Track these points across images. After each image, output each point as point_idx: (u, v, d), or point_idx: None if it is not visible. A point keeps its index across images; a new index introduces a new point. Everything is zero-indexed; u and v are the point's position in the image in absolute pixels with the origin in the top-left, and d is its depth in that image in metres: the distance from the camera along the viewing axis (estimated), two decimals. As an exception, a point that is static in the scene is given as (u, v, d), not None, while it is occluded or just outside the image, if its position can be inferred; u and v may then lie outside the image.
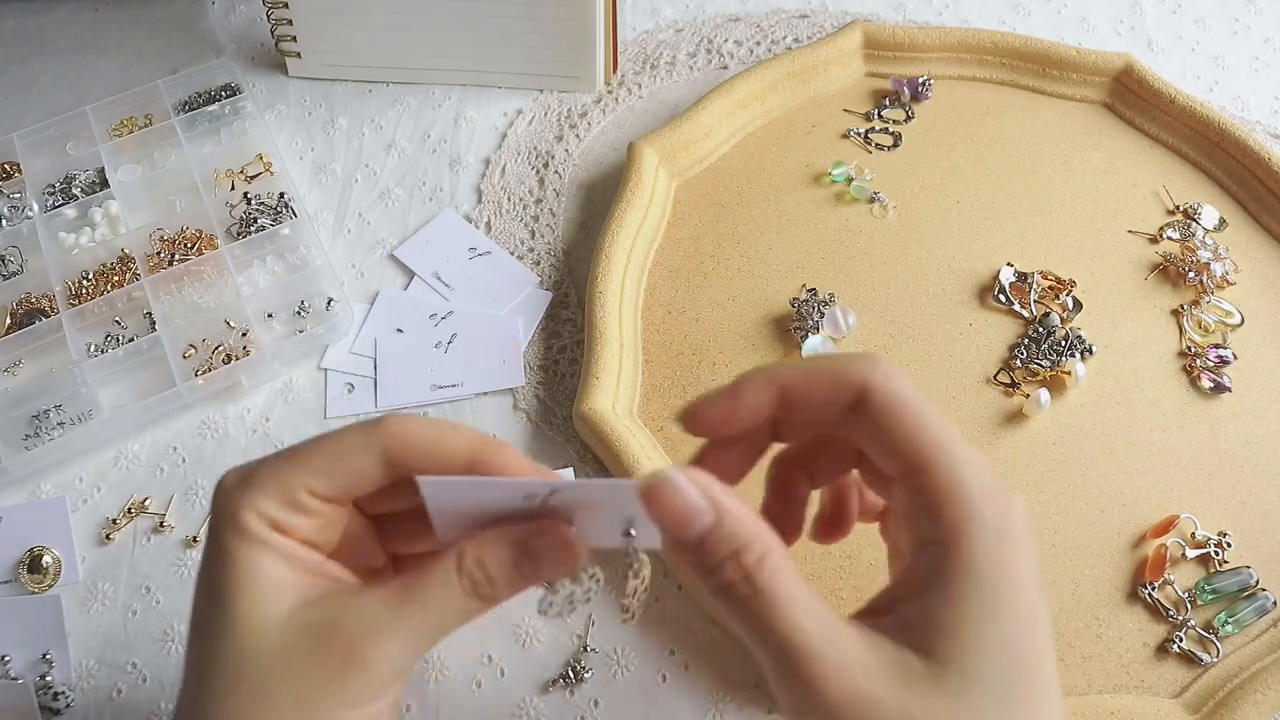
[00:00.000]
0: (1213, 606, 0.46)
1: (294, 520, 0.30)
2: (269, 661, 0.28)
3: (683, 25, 0.72)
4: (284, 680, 0.28)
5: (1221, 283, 0.56)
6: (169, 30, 0.73)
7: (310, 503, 0.30)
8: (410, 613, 0.29)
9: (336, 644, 0.28)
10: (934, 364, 0.54)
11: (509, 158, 0.64)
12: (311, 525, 0.30)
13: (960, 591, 0.27)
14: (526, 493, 0.29)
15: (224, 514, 0.29)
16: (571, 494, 0.29)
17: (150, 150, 0.64)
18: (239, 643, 0.28)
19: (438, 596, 0.29)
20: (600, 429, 0.49)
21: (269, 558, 0.29)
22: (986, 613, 0.27)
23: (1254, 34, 0.71)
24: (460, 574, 0.29)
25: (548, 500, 0.29)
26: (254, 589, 0.29)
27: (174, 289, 0.57)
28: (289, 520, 0.30)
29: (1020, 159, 0.62)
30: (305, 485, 0.29)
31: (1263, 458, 0.50)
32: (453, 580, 0.29)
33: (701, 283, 0.57)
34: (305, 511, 0.30)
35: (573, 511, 0.30)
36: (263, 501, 0.29)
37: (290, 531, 0.30)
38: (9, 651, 0.47)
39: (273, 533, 0.29)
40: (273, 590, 0.29)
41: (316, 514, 0.30)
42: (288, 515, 0.29)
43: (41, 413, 0.53)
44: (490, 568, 0.30)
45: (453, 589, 0.29)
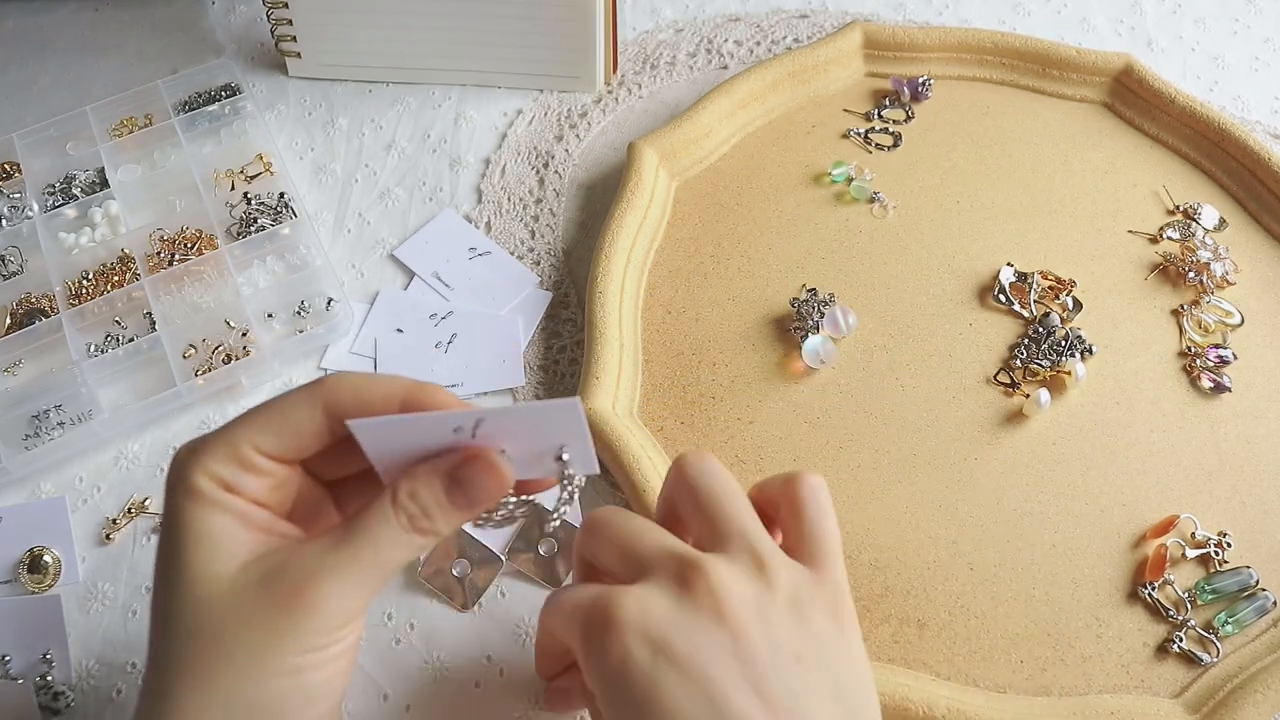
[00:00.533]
0: (1213, 606, 0.46)
1: (244, 479, 0.31)
2: (221, 612, 0.29)
3: (683, 25, 0.72)
4: (236, 629, 0.29)
5: (1221, 283, 0.56)
6: (169, 30, 0.73)
7: (259, 461, 0.31)
8: (351, 552, 0.30)
9: (282, 588, 0.29)
10: (934, 364, 0.54)
11: (509, 158, 0.64)
12: (262, 484, 0.31)
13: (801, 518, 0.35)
14: (455, 425, 0.30)
15: (176, 478, 0.31)
16: (498, 421, 0.30)
17: (150, 150, 0.64)
18: (193, 596, 0.30)
19: (376, 533, 0.30)
20: (600, 429, 0.49)
21: (220, 516, 0.30)
22: None
23: (1254, 34, 0.71)
24: (396, 509, 0.30)
25: (476, 431, 0.30)
26: (206, 546, 0.30)
27: (174, 289, 0.57)
28: (239, 479, 0.31)
29: (1020, 159, 0.62)
30: (252, 444, 0.31)
31: (1263, 458, 0.51)
32: (389, 516, 0.30)
33: (701, 283, 0.57)
34: (254, 470, 0.31)
35: (502, 441, 0.31)
36: (212, 463, 0.30)
37: (241, 491, 0.31)
38: (9, 651, 0.47)
39: (223, 492, 0.30)
40: (224, 546, 0.30)
41: (266, 473, 0.31)
42: (237, 474, 0.31)
43: (41, 413, 0.53)
44: (423, 500, 0.31)
45: (390, 524, 0.30)
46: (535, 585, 0.48)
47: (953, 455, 0.51)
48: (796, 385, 0.53)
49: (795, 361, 0.53)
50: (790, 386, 0.53)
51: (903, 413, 0.52)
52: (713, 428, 0.51)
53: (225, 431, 0.31)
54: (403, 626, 0.47)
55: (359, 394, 0.32)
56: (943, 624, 0.46)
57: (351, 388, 0.32)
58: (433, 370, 0.55)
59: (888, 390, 0.53)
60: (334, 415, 0.31)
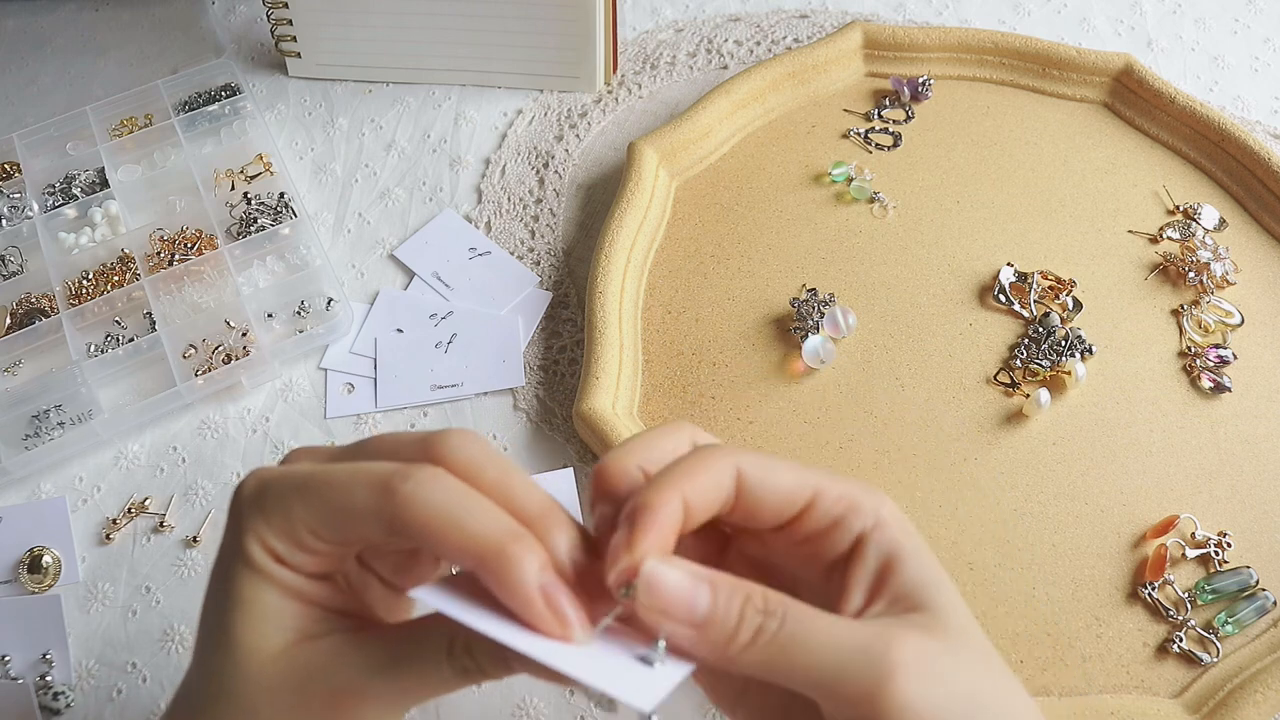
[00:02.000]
0: (1213, 606, 0.46)
1: (296, 556, 0.29)
2: (257, 693, 0.28)
3: (683, 25, 0.72)
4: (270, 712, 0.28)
5: (1221, 283, 0.56)
6: (169, 30, 0.73)
7: (313, 543, 0.29)
8: (395, 679, 0.28)
9: (322, 694, 0.28)
10: (934, 364, 0.54)
11: (509, 158, 0.64)
12: (313, 562, 0.29)
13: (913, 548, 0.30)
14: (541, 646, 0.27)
15: (234, 536, 0.29)
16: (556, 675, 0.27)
17: (150, 150, 0.64)
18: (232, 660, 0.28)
19: (426, 671, 0.29)
20: (600, 429, 0.49)
21: (269, 588, 0.29)
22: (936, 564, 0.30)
23: (1254, 34, 0.71)
24: (451, 657, 0.28)
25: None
26: (252, 615, 0.29)
27: (174, 289, 0.57)
28: (292, 556, 0.29)
29: (1020, 159, 0.62)
30: (308, 526, 0.28)
31: (1263, 458, 0.50)
32: (442, 661, 0.29)
33: (701, 283, 0.57)
34: (307, 549, 0.29)
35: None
36: (267, 533, 0.29)
37: (293, 566, 0.29)
38: (9, 651, 0.47)
39: (275, 564, 0.29)
40: (270, 620, 0.29)
41: (320, 553, 0.29)
42: (290, 551, 0.29)
43: (41, 413, 0.53)
44: (479, 657, 0.28)
45: (442, 671, 0.29)
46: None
47: (953, 455, 0.51)
48: (796, 385, 0.53)
49: (795, 361, 0.53)
50: (790, 386, 0.53)
51: (903, 413, 0.52)
52: (713, 428, 0.51)
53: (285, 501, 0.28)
54: (403, 626, 0.47)
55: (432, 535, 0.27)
56: (943, 624, 0.46)
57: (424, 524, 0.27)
58: (433, 370, 0.55)
59: (888, 390, 0.53)
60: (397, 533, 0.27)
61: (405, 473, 0.27)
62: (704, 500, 0.28)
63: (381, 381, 0.55)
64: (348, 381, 0.55)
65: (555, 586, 0.27)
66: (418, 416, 0.54)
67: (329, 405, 0.54)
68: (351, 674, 0.28)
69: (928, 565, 0.29)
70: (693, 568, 0.27)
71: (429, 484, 0.27)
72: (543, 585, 0.27)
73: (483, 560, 0.27)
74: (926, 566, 0.29)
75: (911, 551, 0.29)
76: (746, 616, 0.27)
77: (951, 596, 0.29)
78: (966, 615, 0.29)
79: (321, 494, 0.28)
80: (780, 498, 0.29)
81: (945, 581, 0.29)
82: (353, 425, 0.54)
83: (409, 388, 0.55)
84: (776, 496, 0.29)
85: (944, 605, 0.28)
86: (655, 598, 0.27)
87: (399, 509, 0.27)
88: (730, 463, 0.29)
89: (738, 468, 0.29)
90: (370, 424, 0.54)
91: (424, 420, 0.54)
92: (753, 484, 0.29)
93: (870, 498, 0.30)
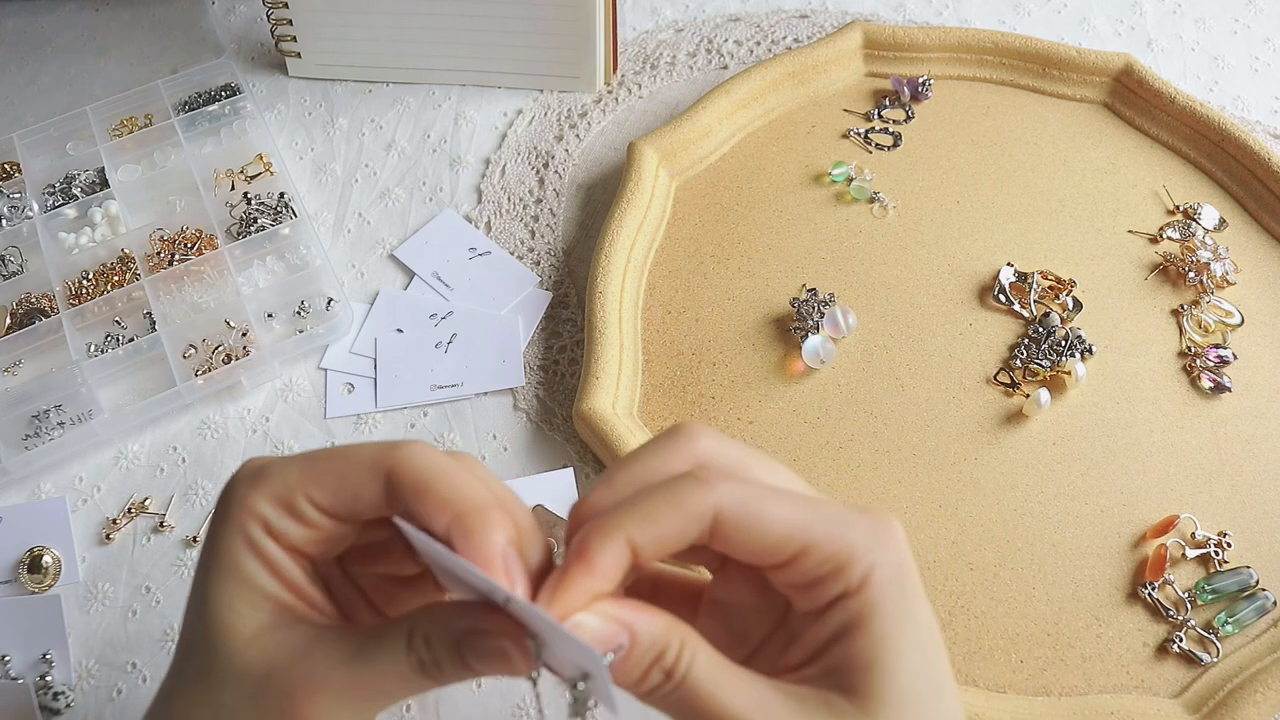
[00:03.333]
0: (1213, 606, 0.46)
1: (286, 525, 0.29)
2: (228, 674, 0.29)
3: (683, 25, 0.72)
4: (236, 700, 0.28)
5: (1221, 283, 0.56)
6: (169, 30, 0.73)
7: (307, 511, 0.29)
8: (355, 676, 0.28)
9: (278, 692, 0.28)
10: (934, 364, 0.54)
11: (509, 158, 0.64)
12: (305, 535, 0.30)
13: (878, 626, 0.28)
14: (488, 588, 0.27)
15: (225, 502, 0.30)
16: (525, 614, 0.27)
17: (150, 150, 0.64)
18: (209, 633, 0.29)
19: (385, 666, 0.28)
20: (600, 429, 0.49)
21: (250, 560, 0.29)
22: (903, 642, 0.28)
23: (1254, 34, 0.71)
24: (410, 650, 0.28)
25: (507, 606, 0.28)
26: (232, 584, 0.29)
27: (174, 289, 0.57)
28: (282, 524, 0.29)
29: (1020, 159, 0.62)
30: (305, 492, 0.29)
31: (1263, 458, 0.50)
32: (401, 654, 0.28)
33: (701, 283, 0.57)
34: (301, 520, 0.29)
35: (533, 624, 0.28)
36: (261, 503, 0.29)
37: (280, 536, 0.29)
38: (9, 651, 0.47)
39: (262, 534, 0.29)
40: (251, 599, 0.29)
41: (313, 525, 0.30)
42: (281, 518, 0.29)
43: (41, 413, 0.53)
44: (436, 649, 0.28)
45: (399, 663, 0.28)
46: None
47: (953, 455, 0.51)
48: (796, 385, 0.53)
49: (795, 361, 0.53)
50: (790, 386, 0.53)
51: (903, 413, 0.52)
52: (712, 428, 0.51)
53: (284, 470, 0.30)
54: (403, 626, 0.47)
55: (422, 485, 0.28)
56: (943, 624, 0.46)
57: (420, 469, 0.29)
58: (433, 370, 0.55)
59: (888, 390, 0.53)
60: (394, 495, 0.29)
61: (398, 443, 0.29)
62: (658, 546, 0.28)
63: (381, 381, 0.55)
64: (348, 381, 0.55)
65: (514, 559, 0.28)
66: (418, 416, 0.54)
67: (329, 405, 0.54)
68: (315, 664, 0.28)
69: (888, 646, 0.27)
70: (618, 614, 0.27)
71: (422, 449, 0.29)
72: (505, 553, 0.28)
73: (463, 516, 0.28)
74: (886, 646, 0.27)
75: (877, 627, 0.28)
76: (651, 674, 0.27)
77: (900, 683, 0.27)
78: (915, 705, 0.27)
79: (320, 461, 0.30)
80: (764, 547, 0.28)
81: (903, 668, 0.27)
82: (353, 425, 0.54)
83: (409, 388, 0.55)
84: (760, 545, 0.28)
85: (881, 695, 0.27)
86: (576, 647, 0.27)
87: (397, 463, 0.29)
88: (707, 505, 0.28)
89: (716, 511, 0.28)
90: (370, 424, 0.54)
91: (424, 420, 0.54)
92: (733, 529, 0.28)
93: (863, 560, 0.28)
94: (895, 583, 0.28)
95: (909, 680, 0.27)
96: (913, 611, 0.28)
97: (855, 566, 0.28)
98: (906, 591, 0.28)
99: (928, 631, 0.29)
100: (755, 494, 0.28)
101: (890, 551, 0.28)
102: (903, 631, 0.28)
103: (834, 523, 0.28)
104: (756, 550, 0.28)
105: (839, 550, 0.28)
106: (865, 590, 0.28)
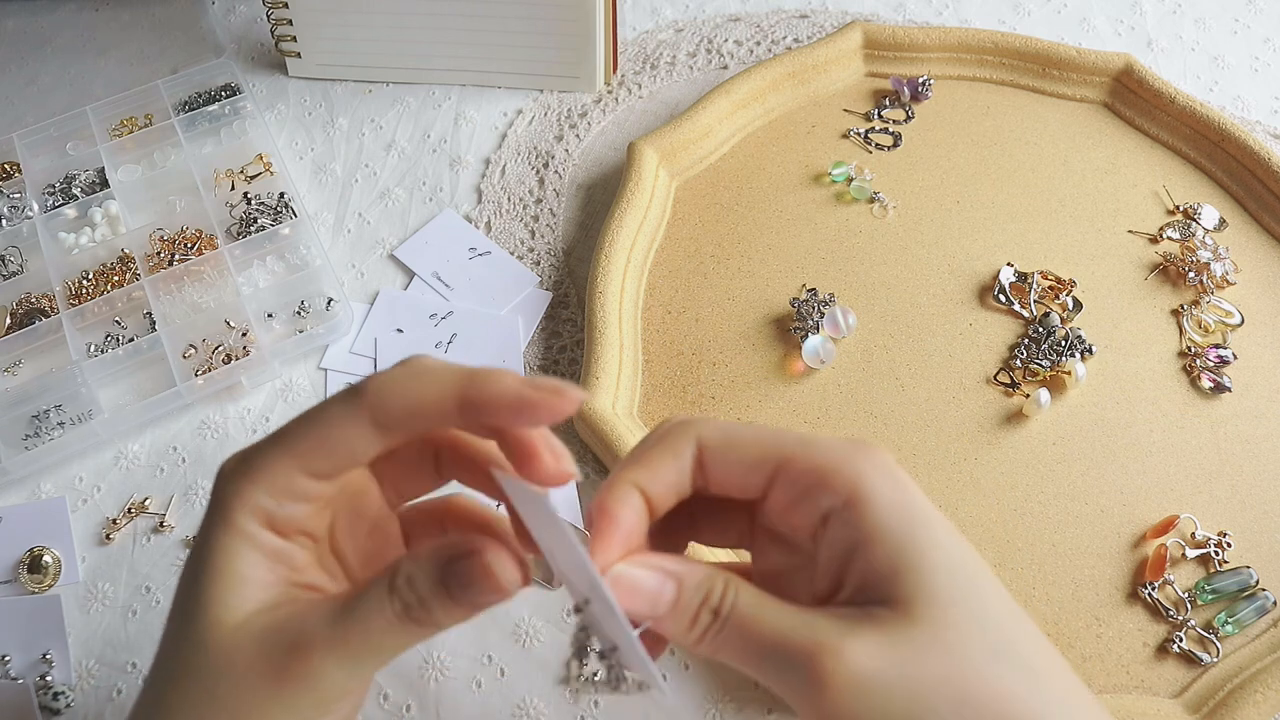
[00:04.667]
0: (1213, 606, 0.46)
1: (293, 510, 0.29)
2: (218, 664, 0.28)
3: (683, 25, 0.72)
4: (228, 686, 0.28)
5: (1221, 283, 0.56)
6: (169, 30, 0.73)
7: (309, 486, 0.29)
8: (342, 631, 0.28)
9: (276, 654, 0.28)
10: (934, 364, 0.54)
11: (509, 158, 0.64)
12: (307, 511, 0.29)
13: (885, 532, 0.28)
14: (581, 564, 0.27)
15: (217, 505, 0.29)
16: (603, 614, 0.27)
17: (150, 150, 0.64)
18: (198, 635, 0.28)
19: (371, 617, 0.28)
20: (600, 429, 0.49)
21: (249, 554, 0.29)
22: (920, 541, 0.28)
23: (1254, 34, 0.71)
24: (391, 595, 0.28)
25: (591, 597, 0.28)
26: (224, 584, 0.28)
27: (174, 289, 0.57)
28: (288, 511, 0.29)
29: (1020, 159, 0.62)
30: (300, 468, 0.29)
31: (1263, 458, 0.50)
32: (384, 602, 0.28)
33: (701, 283, 0.57)
34: (305, 497, 0.29)
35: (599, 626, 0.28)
36: (259, 495, 0.29)
37: (286, 524, 0.29)
38: (9, 651, 0.47)
39: (264, 530, 0.29)
40: (241, 591, 0.28)
41: (313, 497, 0.29)
42: (287, 506, 0.29)
43: (41, 413, 0.53)
44: (420, 589, 0.28)
45: (384, 611, 0.28)
46: (535, 585, 0.48)
47: (953, 455, 0.51)
48: (796, 385, 0.53)
49: (795, 361, 0.53)
50: (790, 386, 0.53)
51: (903, 413, 0.52)
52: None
53: (272, 459, 0.29)
54: (403, 626, 0.47)
55: (407, 400, 0.28)
56: (943, 624, 0.46)
57: (398, 394, 0.28)
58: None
59: (888, 390, 0.53)
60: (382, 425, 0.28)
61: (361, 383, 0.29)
62: (663, 486, 0.30)
63: (381, 381, 0.55)
64: (348, 382, 0.55)
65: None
66: (418, 416, 0.54)
67: (329, 405, 0.54)
68: (304, 627, 0.28)
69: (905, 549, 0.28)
70: (662, 564, 0.29)
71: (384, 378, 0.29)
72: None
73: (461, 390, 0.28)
74: (903, 550, 0.28)
75: (884, 533, 0.28)
76: (700, 616, 0.29)
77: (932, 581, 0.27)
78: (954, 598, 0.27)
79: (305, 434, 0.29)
80: (743, 470, 0.29)
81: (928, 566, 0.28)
82: (353, 425, 0.54)
83: (409, 388, 0.54)
84: (740, 469, 0.29)
85: (915, 596, 0.27)
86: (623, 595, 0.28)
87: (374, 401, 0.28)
88: (690, 438, 0.30)
89: (698, 442, 0.30)
90: (370, 424, 0.54)
91: (424, 420, 0.54)
92: (713, 458, 0.30)
93: (846, 470, 0.28)
94: (891, 488, 0.29)
95: (940, 575, 0.28)
96: (920, 512, 0.29)
97: (838, 476, 0.28)
98: (908, 495, 0.29)
99: (943, 528, 0.29)
100: (732, 426, 0.30)
101: (875, 461, 0.29)
102: (916, 532, 0.28)
103: (808, 442, 0.29)
104: (739, 475, 0.30)
105: (817, 463, 0.29)
106: (860, 501, 0.28)
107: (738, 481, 0.30)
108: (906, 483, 0.29)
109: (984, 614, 0.28)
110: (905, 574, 0.28)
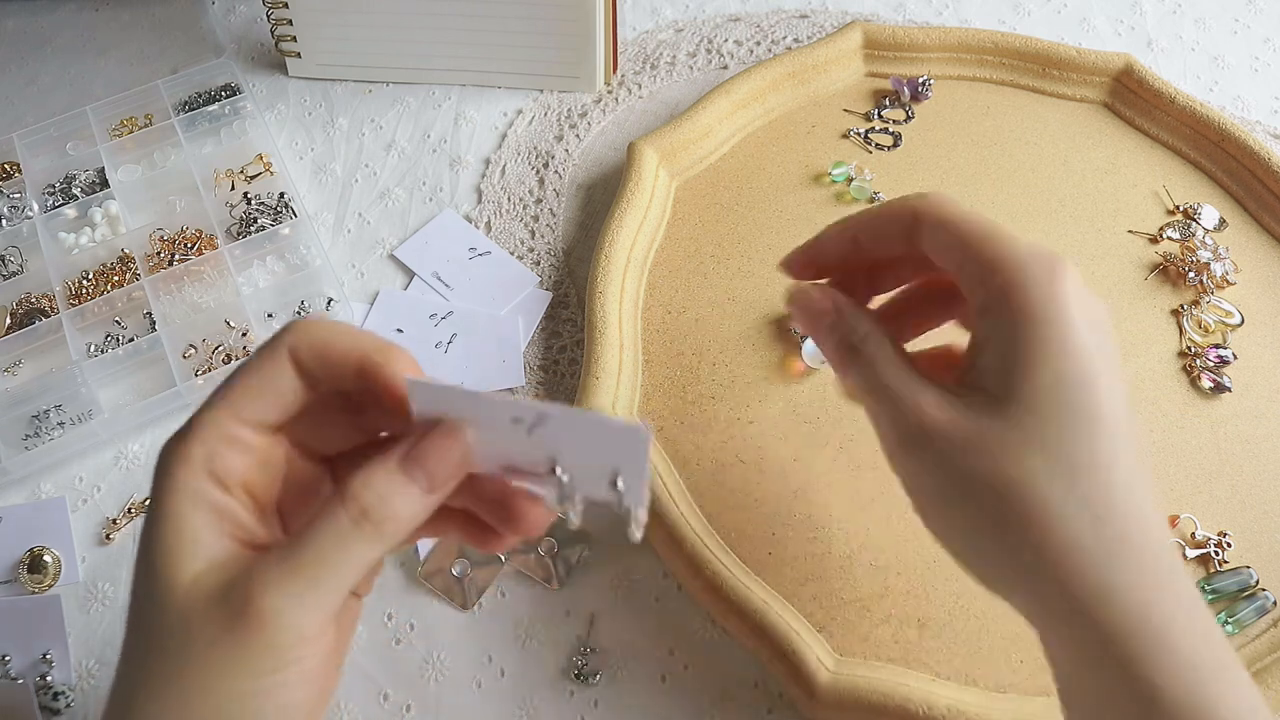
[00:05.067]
0: (1213, 606, 0.46)
1: (229, 457, 0.29)
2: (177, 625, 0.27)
3: (683, 25, 0.72)
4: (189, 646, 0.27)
5: (1221, 283, 0.56)
6: (169, 30, 0.73)
7: (243, 434, 0.29)
8: (298, 560, 0.27)
9: (229, 603, 0.27)
10: (934, 364, 0.54)
11: (509, 158, 0.65)
12: (249, 462, 0.29)
13: (1014, 333, 0.31)
14: (514, 415, 0.27)
15: (160, 467, 0.29)
16: (560, 427, 0.27)
17: (150, 150, 0.64)
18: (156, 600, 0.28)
19: (322, 534, 0.27)
20: (600, 429, 0.49)
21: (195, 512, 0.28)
22: (1044, 347, 0.31)
23: (1254, 34, 0.71)
24: (347, 502, 0.28)
25: (534, 429, 0.27)
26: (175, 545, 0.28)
27: (174, 289, 0.58)
28: (225, 459, 0.29)
29: (1020, 159, 0.62)
30: (234, 415, 0.29)
31: (1263, 458, 0.50)
32: (337, 512, 0.27)
33: (701, 283, 0.57)
34: (239, 445, 0.29)
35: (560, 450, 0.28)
36: (195, 447, 0.28)
37: (226, 474, 0.29)
38: (9, 651, 0.47)
39: (206, 483, 0.29)
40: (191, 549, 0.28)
41: (251, 447, 0.29)
42: (222, 454, 0.29)
43: (41, 413, 0.53)
44: (377, 483, 0.28)
45: (338, 522, 0.27)
46: (535, 585, 0.48)
47: (953, 455, 0.50)
48: (796, 385, 0.53)
49: (795, 361, 0.53)
50: (790, 386, 0.53)
51: (903, 413, 0.52)
52: (713, 428, 0.51)
53: (204, 412, 0.29)
54: (403, 626, 0.47)
55: (318, 348, 0.30)
56: (943, 624, 0.46)
57: (312, 340, 0.30)
58: (433, 370, 0.55)
59: (888, 390, 0.53)
60: (301, 369, 0.30)
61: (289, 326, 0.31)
62: (874, 232, 0.36)
63: (381, 381, 0.55)
64: (348, 381, 0.55)
65: None
66: (418, 416, 0.54)
67: (329, 405, 0.54)
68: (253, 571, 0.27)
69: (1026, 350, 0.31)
70: (829, 292, 0.36)
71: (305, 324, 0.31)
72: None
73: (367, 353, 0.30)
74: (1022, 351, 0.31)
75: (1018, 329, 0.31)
76: (851, 340, 0.35)
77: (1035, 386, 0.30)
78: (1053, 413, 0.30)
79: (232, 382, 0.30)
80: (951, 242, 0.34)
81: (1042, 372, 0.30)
82: (353, 425, 0.54)
83: (409, 388, 0.55)
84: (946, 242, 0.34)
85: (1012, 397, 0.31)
86: (800, 305, 0.37)
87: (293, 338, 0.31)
88: (910, 205, 0.35)
89: (917, 210, 0.34)
90: (370, 424, 0.54)
91: (424, 420, 0.54)
92: (929, 228, 0.34)
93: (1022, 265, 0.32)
94: (1043, 294, 0.31)
95: (1045, 385, 0.31)
96: (1062, 318, 0.31)
97: (1002, 270, 0.32)
98: (1057, 299, 0.31)
99: (1080, 342, 0.31)
100: (950, 203, 0.34)
101: (1043, 268, 0.31)
102: (1045, 335, 0.31)
103: (1005, 235, 0.33)
104: (941, 244, 0.34)
105: (996, 253, 0.32)
106: (1010, 298, 0.31)
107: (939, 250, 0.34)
108: (1064, 289, 0.31)
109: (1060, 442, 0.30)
110: (1015, 374, 0.31)
